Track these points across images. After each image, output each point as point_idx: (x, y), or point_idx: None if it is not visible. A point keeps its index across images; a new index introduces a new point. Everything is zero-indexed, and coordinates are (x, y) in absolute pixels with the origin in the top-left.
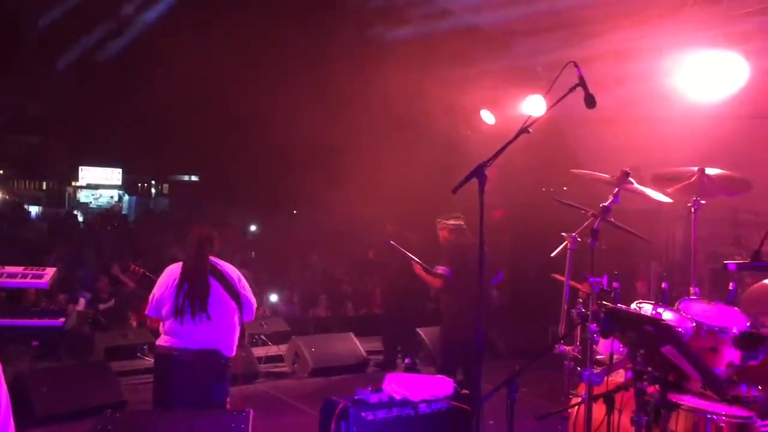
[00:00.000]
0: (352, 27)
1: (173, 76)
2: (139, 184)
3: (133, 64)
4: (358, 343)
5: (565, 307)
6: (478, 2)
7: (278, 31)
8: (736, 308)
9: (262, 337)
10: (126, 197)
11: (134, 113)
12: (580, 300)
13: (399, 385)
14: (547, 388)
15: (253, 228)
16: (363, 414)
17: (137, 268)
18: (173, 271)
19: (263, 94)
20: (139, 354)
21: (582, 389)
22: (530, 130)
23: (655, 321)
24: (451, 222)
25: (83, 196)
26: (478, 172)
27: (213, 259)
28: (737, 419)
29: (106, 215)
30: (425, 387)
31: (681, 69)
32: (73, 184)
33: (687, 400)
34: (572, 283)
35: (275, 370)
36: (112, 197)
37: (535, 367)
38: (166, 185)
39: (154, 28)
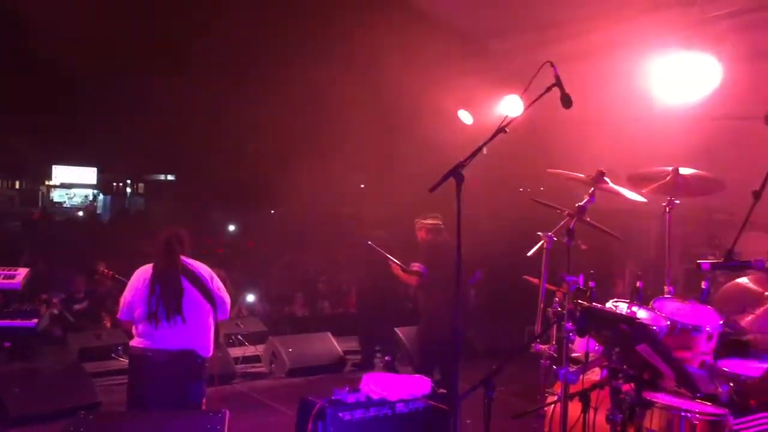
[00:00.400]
0: (328, 28)
1: (149, 74)
2: (114, 184)
3: (108, 62)
4: (335, 343)
5: (542, 306)
6: (456, 3)
7: (255, 31)
8: (709, 307)
9: (239, 337)
10: (101, 197)
11: (109, 112)
12: (556, 299)
13: (376, 385)
14: (523, 387)
15: (231, 228)
16: (340, 414)
17: (106, 270)
18: (144, 273)
19: (241, 94)
20: (113, 355)
21: (558, 388)
22: (507, 130)
23: (630, 319)
24: (429, 222)
25: (57, 195)
26: (455, 172)
27: (185, 259)
28: (710, 416)
29: (81, 215)
30: (403, 386)
31: (655, 70)
32: (47, 183)
33: (661, 398)
34: (547, 285)
35: (252, 370)
36: (86, 197)
37: (512, 366)
38: (141, 185)
39: (130, 23)
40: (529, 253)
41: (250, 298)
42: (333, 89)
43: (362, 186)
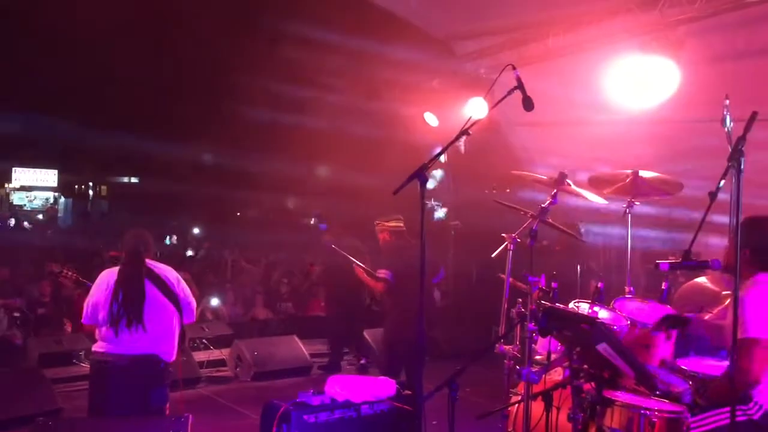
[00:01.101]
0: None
1: (111, 75)
2: (76, 186)
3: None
4: (302, 346)
5: (505, 306)
6: (423, 7)
7: (216, 28)
8: (668, 306)
9: (204, 341)
10: (62, 199)
11: (70, 111)
12: (520, 300)
13: (341, 387)
14: (488, 388)
15: (196, 231)
16: (305, 417)
17: (69, 272)
18: (108, 276)
19: (205, 94)
20: (75, 360)
21: (522, 388)
22: (470, 132)
23: (591, 319)
24: (391, 224)
25: (17, 198)
26: (419, 174)
27: (150, 262)
28: (669, 414)
29: (41, 218)
30: (367, 388)
31: (616, 74)
32: (6, 186)
33: (621, 396)
34: (518, 284)
35: (217, 374)
36: (47, 199)
37: (478, 366)
38: (104, 187)
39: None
40: (494, 254)
41: (215, 301)
42: (298, 94)
43: (328, 189)
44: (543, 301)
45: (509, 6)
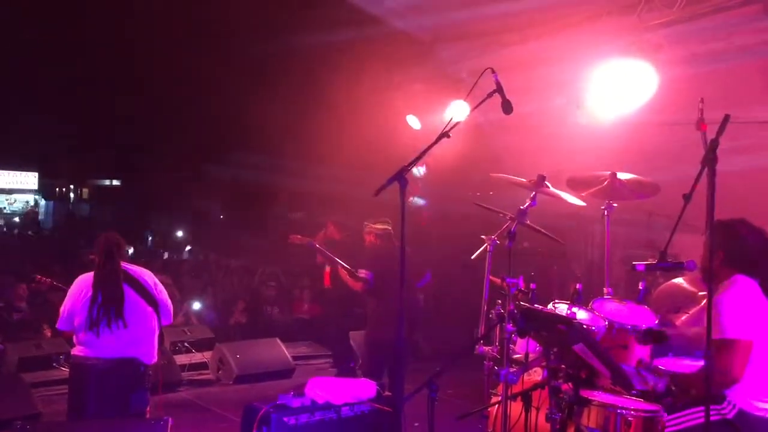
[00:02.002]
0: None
1: (92, 76)
2: (57, 189)
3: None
4: (284, 349)
5: (485, 308)
6: (405, 9)
7: (194, 30)
8: (645, 307)
9: (186, 344)
10: (43, 202)
11: (52, 113)
12: (499, 301)
13: (321, 389)
14: (469, 389)
15: (179, 234)
16: (285, 419)
17: (44, 278)
18: (84, 281)
19: (186, 97)
20: (54, 364)
21: (501, 388)
22: (450, 135)
23: (568, 320)
24: (379, 227)
25: None
26: (400, 176)
27: (126, 265)
28: (645, 413)
29: (22, 221)
30: (348, 390)
31: (595, 77)
32: None
33: (598, 396)
34: (495, 279)
35: (199, 377)
36: (27, 202)
37: (460, 368)
38: (86, 190)
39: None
40: (473, 256)
41: (197, 305)
42: (284, 95)
43: (312, 191)
44: (522, 303)
45: (492, 9)
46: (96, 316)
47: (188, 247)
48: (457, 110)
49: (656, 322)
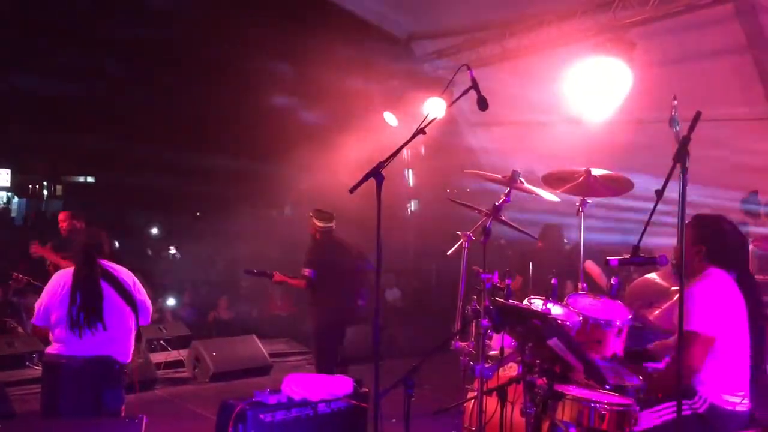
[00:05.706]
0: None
1: (66, 71)
2: (30, 186)
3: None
4: (261, 346)
5: (461, 304)
6: (382, 6)
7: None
8: (619, 302)
9: (162, 342)
10: (15, 199)
11: (24, 109)
12: (475, 297)
13: (298, 386)
14: (446, 384)
15: (154, 231)
16: (261, 416)
17: (20, 275)
18: (62, 278)
19: (164, 91)
20: (27, 363)
21: (477, 384)
22: (426, 131)
23: (542, 315)
24: (321, 224)
25: None
26: (375, 172)
27: (105, 263)
28: (618, 407)
29: None
30: (324, 387)
31: (571, 75)
32: None
33: (572, 391)
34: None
35: (175, 375)
36: None
37: (437, 364)
38: (59, 187)
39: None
40: (449, 252)
41: (171, 302)
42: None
43: (289, 189)
44: (497, 298)
45: (469, 7)
46: (76, 316)
47: (172, 250)
48: (434, 107)
49: (630, 317)
